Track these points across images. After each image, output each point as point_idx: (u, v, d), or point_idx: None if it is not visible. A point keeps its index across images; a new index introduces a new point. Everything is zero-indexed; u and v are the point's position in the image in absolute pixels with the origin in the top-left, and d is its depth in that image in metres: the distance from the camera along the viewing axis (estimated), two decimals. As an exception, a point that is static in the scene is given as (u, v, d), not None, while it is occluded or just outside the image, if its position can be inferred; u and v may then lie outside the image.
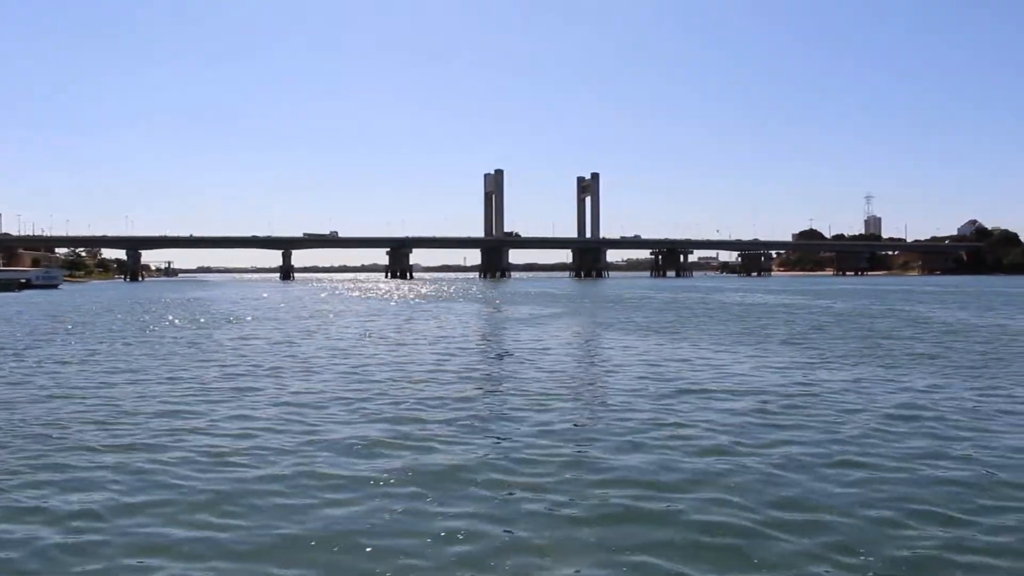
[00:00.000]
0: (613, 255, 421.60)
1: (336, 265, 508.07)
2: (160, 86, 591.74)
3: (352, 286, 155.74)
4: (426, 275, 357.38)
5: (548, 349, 30.28)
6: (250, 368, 24.88)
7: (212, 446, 13.69)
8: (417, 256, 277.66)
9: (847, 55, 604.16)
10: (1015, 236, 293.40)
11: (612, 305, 67.89)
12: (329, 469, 12.06)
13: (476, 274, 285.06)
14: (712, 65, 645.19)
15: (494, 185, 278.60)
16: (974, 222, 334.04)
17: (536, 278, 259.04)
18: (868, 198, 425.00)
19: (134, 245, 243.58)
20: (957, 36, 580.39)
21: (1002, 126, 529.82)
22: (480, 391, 19.71)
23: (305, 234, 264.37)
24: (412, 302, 78.06)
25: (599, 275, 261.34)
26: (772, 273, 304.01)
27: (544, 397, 18.62)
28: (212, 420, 16.13)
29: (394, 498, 10.56)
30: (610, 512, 9.98)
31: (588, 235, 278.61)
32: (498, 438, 14.26)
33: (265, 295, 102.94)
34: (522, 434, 14.51)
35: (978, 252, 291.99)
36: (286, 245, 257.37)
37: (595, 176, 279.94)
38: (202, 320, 49.64)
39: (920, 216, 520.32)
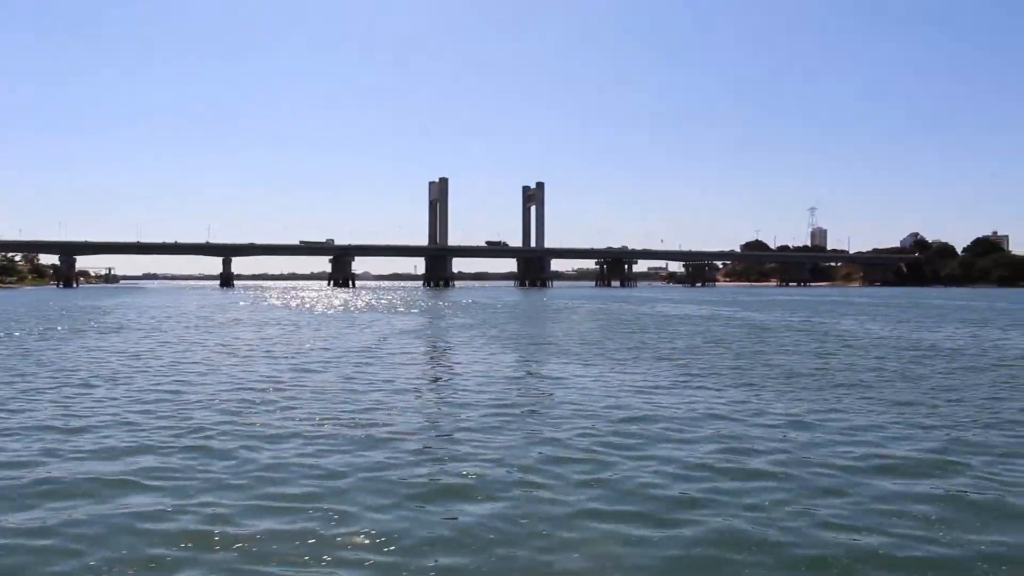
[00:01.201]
0: (562, 264, 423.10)
1: (286, 272, 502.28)
2: (111, 87, 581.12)
3: (282, 295, 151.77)
4: (372, 283, 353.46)
5: (399, 364, 28.06)
6: (55, 383, 22.54)
7: None
8: (367, 264, 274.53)
9: (798, 68, 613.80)
10: (952, 249, 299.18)
11: (527, 317, 65.95)
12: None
13: (422, 283, 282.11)
14: (661, 77, 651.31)
15: (439, 193, 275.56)
16: (916, 235, 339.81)
17: (480, 287, 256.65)
18: (812, 210, 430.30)
19: (68, 250, 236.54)
20: (902, 52, 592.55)
21: (949, 141, 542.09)
22: (260, 409, 17.52)
23: (301, 242, 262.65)
24: (326, 311, 75.31)
25: (543, 284, 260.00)
26: (716, 283, 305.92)
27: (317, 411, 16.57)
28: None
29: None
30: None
31: (533, 244, 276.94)
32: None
33: (170, 304, 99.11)
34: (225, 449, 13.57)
35: (917, 264, 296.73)
36: (226, 252, 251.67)
37: (540, 185, 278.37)
38: (60, 329, 46.71)
39: (867, 228, 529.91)
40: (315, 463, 12.84)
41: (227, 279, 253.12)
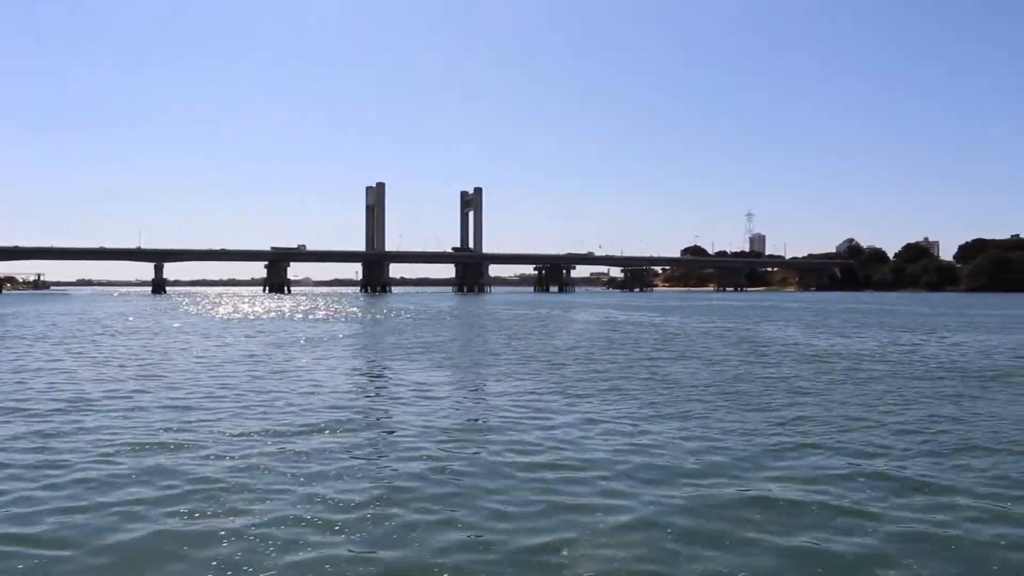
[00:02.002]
0: (506, 270, 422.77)
1: (226, 279, 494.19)
2: (37, 88, 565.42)
3: (208, 301, 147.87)
4: (309, 289, 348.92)
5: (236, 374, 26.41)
6: None
7: None
8: (309, 270, 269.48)
9: (739, 75, 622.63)
10: (884, 254, 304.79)
11: (441, 324, 64.41)
12: None
13: (359, 288, 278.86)
14: (599, 83, 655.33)
15: (376, 198, 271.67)
16: (851, 240, 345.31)
17: (416, 293, 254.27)
18: (749, 215, 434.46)
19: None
20: (837, 61, 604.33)
21: (885, 148, 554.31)
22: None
23: (272, 248, 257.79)
24: (239, 318, 72.90)
25: (481, 290, 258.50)
26: (655, 288, 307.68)
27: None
28: None
29: None
30: None
31: (472, 249, 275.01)
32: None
33: (84, 312, 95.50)
34: None
35: (850, 269, 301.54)
36: (157, 258, 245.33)
37: (478, 191, 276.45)
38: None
39: (807, 234, 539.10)
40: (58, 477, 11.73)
41: (159, 285, 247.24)
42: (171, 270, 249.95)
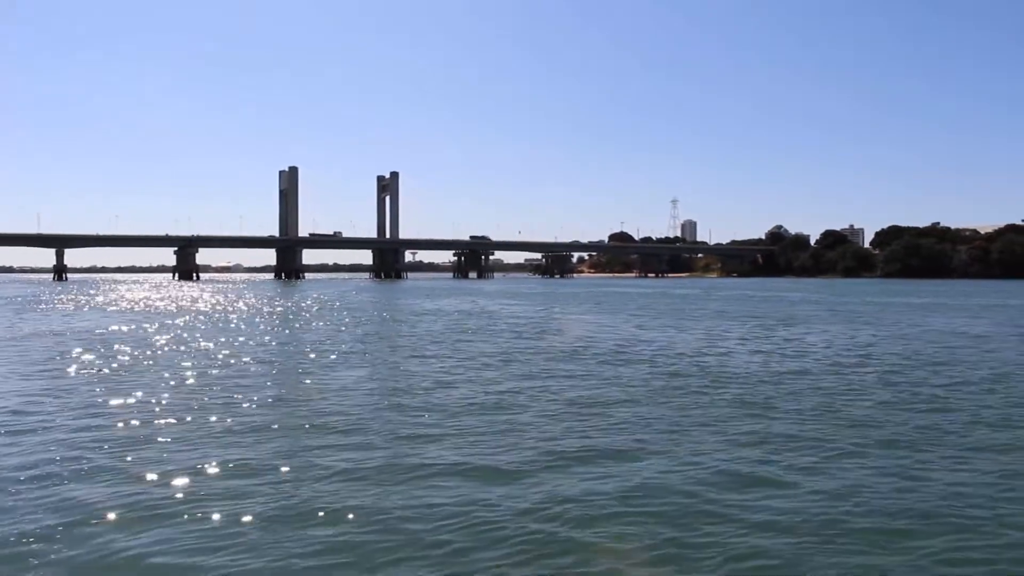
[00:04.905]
0: (437, 256, 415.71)
1: (156, 264, 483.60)
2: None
3: (96, 289, 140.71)
4: (229, 276, 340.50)
5: None
6: None
7: None
8: (238, 256, 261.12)
9: (668, 64, 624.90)
10: (805, 240, 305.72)
11: (295, 318, 60.13)
12: None
13: (272, 275, 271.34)
14: (529, 69, 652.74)
15: (289, 182, 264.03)
16: (780, 227, 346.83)
17: (329, 279, 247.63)
18: (674, 202, 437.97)
19: None
20: (767, 52, 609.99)
21: (818, 137, 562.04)
22: None
23: (311, 234, 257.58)
24: (90, 309, 67.38)
25: (398, 276, 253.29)
26: (576, 275, 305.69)
27: None
28: None
29: None
30: None
31: (388, 235, 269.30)
32: None
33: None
34: None
35: (772, 255, 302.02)
36: (57, 244, 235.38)
37: (395, 175, 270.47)
38: None
39: (743, 222, 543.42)
40: None
41: (59, 271, 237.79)
42: (92, 256, 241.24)
